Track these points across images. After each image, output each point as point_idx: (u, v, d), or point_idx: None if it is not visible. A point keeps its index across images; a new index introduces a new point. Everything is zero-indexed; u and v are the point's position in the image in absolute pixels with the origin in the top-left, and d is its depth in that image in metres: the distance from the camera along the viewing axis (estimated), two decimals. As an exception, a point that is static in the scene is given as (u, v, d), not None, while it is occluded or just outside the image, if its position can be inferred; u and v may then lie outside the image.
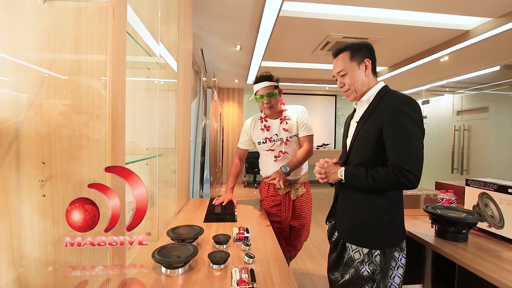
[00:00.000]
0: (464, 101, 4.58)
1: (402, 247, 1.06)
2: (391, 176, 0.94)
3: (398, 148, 0.95)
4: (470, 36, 2.95)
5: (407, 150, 0.94)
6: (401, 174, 0.92)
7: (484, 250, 1.13)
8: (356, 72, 1.09)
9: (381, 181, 0.96)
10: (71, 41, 0.74)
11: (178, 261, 0.90)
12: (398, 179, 0.93)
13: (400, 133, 0.96)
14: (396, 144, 0.96)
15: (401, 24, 2.84)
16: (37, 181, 0.72)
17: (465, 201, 1.44)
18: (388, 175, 0.95)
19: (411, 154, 0.94)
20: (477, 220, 1.20)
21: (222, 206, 1.72)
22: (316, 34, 3.21)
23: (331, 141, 7.06)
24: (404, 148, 0.95)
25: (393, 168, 0.94)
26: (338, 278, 1.12)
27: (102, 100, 0.74)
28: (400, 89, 5.78)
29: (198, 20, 2.76)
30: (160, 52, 1.42)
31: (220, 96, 6.29)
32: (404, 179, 0.92)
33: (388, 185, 0.96)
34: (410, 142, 0.95)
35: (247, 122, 1.81)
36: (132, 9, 1.11)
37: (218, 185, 4.07)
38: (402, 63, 4.16)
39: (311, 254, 2.81)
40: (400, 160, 0.94)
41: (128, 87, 1.32)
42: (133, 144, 1.37)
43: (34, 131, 0.73)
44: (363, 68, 1.09)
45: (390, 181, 0.95)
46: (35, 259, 0.75)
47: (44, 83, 0.74)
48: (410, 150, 0.94)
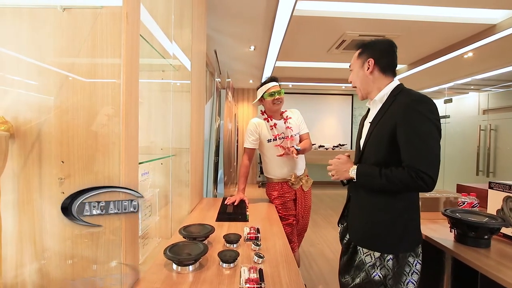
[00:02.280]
0: (490, 99, 4.34)
1: (417, 252, 1.02)
2: (406, 177, 0.91)
3: (413, 149, 0.92)
4: (496, 31, 2.79)
5: (423, 151, 0.91)
6: (417, 176, 0.89)
7: (508, 258, 1.07)
8: (359, 71, 1.11)
9: (395, 182, 0.93)
10: (88, 45, 0.78)
11: (188, 258, 0.92)
12: (414, 181, 0.89)
13: (414, 134, 0.92)
14: (411, 145, 0.92)
15: (421, 20, 2.74)
16: (57, 179, 0.77)
17: (488, 205, 1.36)
18: (403, 175, 0.92)
19: (427, 155, 0.90)
20: (500, 225, 1.14)
21: (234, 206, 1.74)
22: (331, 33, 3.17)
23: (347, 142, 6.91)
24: (419, 149, 0.91)
25: (408, 169, 0.91)
26: (349, 281, 1.10)
27: (116, 101, 0.77)
28: (420, 87, 5.56)
29: (212, 21, 2.80)
30: (174, 54, 1.46)
31: (234, 96, 6.35)
32: (420, 181, 0.89)
33: (403, 186, 0.93)
34: (426, 142, 0.91)
35: (254, 122, 1.87)
36: (148, 12, 1.15)
37: (232, 185, 4.10)
38: (422, 60, 4.00)
39: (325, 255, 2.77)
40: (415, 162, 0.90)
41: (144, 89, 1.36)
42: (149, 144, 1.41)
43: (54, 132, 0.77)
44: (366, 68, 1.08)
45: (405, 182, 0.91)
46: (55, 252, 0.79)
47: (63, 86, 0.79)
48: (426, 151, 0.91)
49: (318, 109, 6.82)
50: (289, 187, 1.84)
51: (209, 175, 2.64)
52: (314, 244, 3.06)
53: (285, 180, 1.83)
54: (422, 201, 1.68)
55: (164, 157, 1.41)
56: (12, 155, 0.76)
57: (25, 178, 0.77)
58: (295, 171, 1.84)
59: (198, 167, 1.94)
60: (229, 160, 3.98)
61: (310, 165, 2.35)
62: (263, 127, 1.85)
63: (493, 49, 3.22)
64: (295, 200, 1.85)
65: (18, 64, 0.79)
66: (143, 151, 1.18)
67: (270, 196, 1.89)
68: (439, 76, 4.64)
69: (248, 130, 1.88)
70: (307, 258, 2.72)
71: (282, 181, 1.83)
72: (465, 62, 3.74)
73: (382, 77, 1.07)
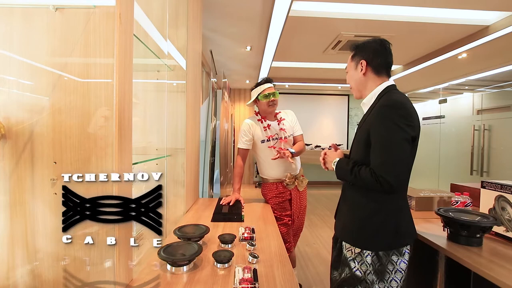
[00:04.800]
0: (484, 99, 4.39)
1: (402, 251, 1.03)
2: (369, 179, 0.97)
3: (376, 154, 0.97)
4: (489, 32, 2.82)
5: (384, 157, 0.95)
6: (377, 179, 0.95)
7: (500, 256, 1.08)
8: (353, 73, 1.13)
9: (361, 180, 1.00)
10: (81, 45, 0.78)
11: (182, 259, 0.91)
12: (374, 183, 0.96)
13: (379, 139, 0.97)
14: (375, 150, 0.98)
15: (415, 21, 2.76)
16: (49, 180, 0.76)
17: (480, 204, 1.38)
18: (367, 176, 0.97)
19: (388, 162, 0.95)
20: (491, 224, 1.15)
21: (230, 206, 1.73)
22: (327, 33, 3.18)
23: (343, 142, 6.94)
24: (381, 155, 0.96)
25: (371, 172, 0.97)
26: (337, 277, 1.12)
27: (110, 102, 0.77)
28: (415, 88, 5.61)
29: (208, 21, 2.80)
30: (170, 53, 1.46)
31: (231, 97, 6.34)
32: (378, 184, 0.95)
33: (366, 185, 0.99)
34: (388, 149, 0.95)
35: (248, 122, 1.88)
36: (143, 11, 1.14)
37: (228, 185, 4.10)
38: (416, 61, 4.04)
39: (321, 255, 2.78)
40: (376, 166, 0.96)
41: (139, 89, 1.36)
42: (144, 145, 1.41)
43: (47, 132, 0.77)
44: (359, 69, 1.10)
45: (368, 183, 0.98)
46: (48, 254, 0.79)
47: (56, 86, 0.78)
48: (387, 158, 0.95)
49: (314, 109, 6.84)
50: (284, 187, 1.84)
51: (205, 175, 2.64)
52: (310, 244, 3.07)
53: (280, 180, 1.84)
54: (416, 201, 1.70)
55: (159, 157, 1.41)
56: (4, 155, 0.75)
57: (17, 179, 0.77)
58: (290, 171, 1.84)
59: (194, 168, 1.93)
60: (226, 160, 3.98)
61: (306, 165, 2.36)
62: (257, 127, 1.86)
63: (487, 50, 3.26)
64: (290, 200, 1.86)
65: (9, 63, 0.78)
66: (138, 152, 1.17)
67: (266, 196, 1.90)
68: (434, 76, 4.69)
69: (241, 131, 1.88)
70: (303, 258, 2.73)
71: (277, 181, 1.84)
72: (460, 62, 3.78)
73: (376, 78, 1.09)
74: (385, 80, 1.08)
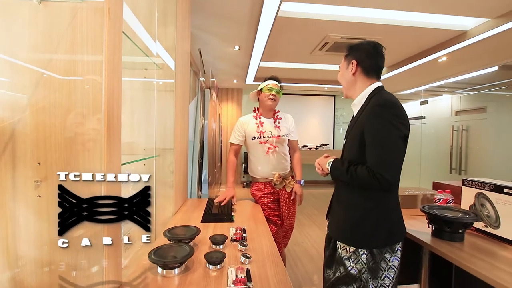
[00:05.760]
0: (462, 101, 4.59)
1: (395, 249, 1.06)
2: (366, 176, 0.98)
3: (372, 152, 0.99)
4: (468, 37, 2.96)
5: (381, 154, 0.98)
6: (374, 176, 0.97)
7: (480, 250, 1.14)
8: (345, 72, 1.16)
9: (357, 179, 1.01)
10: (67, 41, 0.74)
11: (174, 261, 0.90)
12: (371, 180, 0.97)
13: (375, 137, 0.99)
14: (371, 147, 1.00)
15: (400, 25, 2.85)
16: (33, 182, 0.72)
17: (461, 201, 1.44)
18: (364, 175, 0.99)
19: (385, 159, 0.97)
20: (473, 220, 1.21)
21: (220, 206, 1.72)
22: (315, 35, 3.22)
23: (329, 142, 7.06)
24: (378, 152, 0.98)
25: (368, 170, 0.99)
26: (330, 276, 1.13)
27: (98, 100, 0.74)
28: (399, 89, 5.77)
29: (196, 20, 2.76)
30: (158, 52, 1.42)
31: (219, 96, 6.29)
32: (376, 181, 0.96)
33: (363, 183, 1.01)
34: (384, 146, 0.98)
35: (241, 119, 1.89)
36: (130, 9, 1.11)
37: (217, 186, 4.07)
38: (401, 63, 4.17)
39: (310, 254, 2.82)
40: (373, 163, 0.98)
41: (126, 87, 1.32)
42: (131, 144, 1.37)
43: (30, 132, 0.73)
44: (350, 69, 1.12)
45: (365, 181, 0.99)
46: (31, 259, 0.75)
47: (39, 84, 0.74)
48: (384, 155, 0.97)
49: (301, 109, 6.91)
50: (272, 187, 1.85)
51: (193, 175, 2.60)
52: (298, 243, 3.10)
53: (268, 180, 1.85)
54: (401, 199, 1.75)
55: (148, 157, 1.37)
56: (-18, 156, 0.71)
57: (-3, 181, 0.72)
58: (279, 170, 1.85)
59: (182, 168, 1.90)
60: (214, 160, 3.94)
61: (295, 165, 2.37)
62: (250, 124, 1.85)
63: (465, 54, 3.41)
64: (279, 201, 1.86)
65: (-12, 59, 0.74)
66: (125, 152, 1.14)
67: (255, 196, 1.90)
68: (416, 78, 4.86)
69: (235, 127, 1.90)
70: (292, 257, 2.75)
71: (266, 181, 1.85)
72: (440, 65, 3.94)
73: (365, 79, 1.11)
74: (374, 82, 1.11)
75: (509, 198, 1.19)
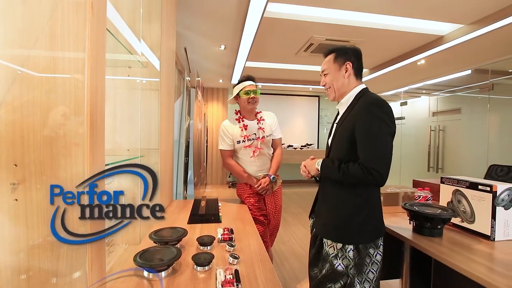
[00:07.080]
0: (439, 102, 4.82)
1: (378, 244, 1.10)
2: (359, 172, 1.01)
3: (365, 148, 1.03)
4: (444, 41, 3.10)
5: (373, 150, 1.01)
6: (368, 172, 1.00)
7: (457, 244, 1.20)
8: (337, 73, 1.16)
9: (350, 176, 1.04)
10: (46, 37, 0.71)
11: (161, 264, 0.88)
12: (365, 176, 1.00)
13: (367, 134, 1.02)
14: (363, 144, 1.03)
15: (382, 28, 2.94)
16: (9, 185, 0.68)
17: (440, 198, 1.51)
18: (357, 171, 1.02)
19: (377, 154, 1.01)
20: (451, 216, 1.27)
21: (206, 206, 1.70)
22: (300, 36, 3.26)
23: (314, 141, 7.17)
24: (370, 148, 1.02)
25: (361, 165, 1.01)
26: (317, 274, 1.15)
27: (80, 99, 0.71)
28: (380, 90, 5.95)
29: (182, 18, 2.72)
30: (142, 50, 1.39)
31: (204, 96, 6.22)
32: (370, 176, 0.99)
33: (356, 180, 1.04)
34: (376, 142, 1.01)
35: (226, 124, 1.85)
36: (113, 5, 1.07)
37: (202, 186, 4.02)
38: (382, 65, 4.31)
39: (296, 253, 2.85)
40: (366, 159, 1.01)
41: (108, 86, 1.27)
42: (114, 144, 1.33)
43: (5, 131, 0.69)
44: (344, 70, 1.14)
45: (358, 177, 1.02)
46: (6, 266, 0.71)
47: (16, 81, 0.70)
48: (376, 150, 1.01)
49: (286, 109, 6.97)
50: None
51: (178, 176, 2.56)
52: (284, 242, 3.12)
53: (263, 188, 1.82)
54: (384, 196, 1.81)
55: (131, 158, 1.33)
56: (-49, 158, 0.66)
57: (-31, 184, 0.68)
58: (264, 171, 1.85)
59: (168, 168, 1.86)
60: (199, 160, 3.90)
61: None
62: (234, 128, 1.83)
63: (442, 57, 3.58)
64: (265, 200, 1.87)
65: (-43, 54, 0.69)
66: (108, 153, 1.10)
67: (241, 197, 1.90)
68: (396, 80, 5.04)
69: (220, 136, 1.86)
70: (279, 256, 2.77)
71: (261, 189, 1.82)
72: (419, 68, 4.11)
73: (355, 81, 1.16)
74: (360, 83, 1.15)
75: (483, 194, 1.26)
